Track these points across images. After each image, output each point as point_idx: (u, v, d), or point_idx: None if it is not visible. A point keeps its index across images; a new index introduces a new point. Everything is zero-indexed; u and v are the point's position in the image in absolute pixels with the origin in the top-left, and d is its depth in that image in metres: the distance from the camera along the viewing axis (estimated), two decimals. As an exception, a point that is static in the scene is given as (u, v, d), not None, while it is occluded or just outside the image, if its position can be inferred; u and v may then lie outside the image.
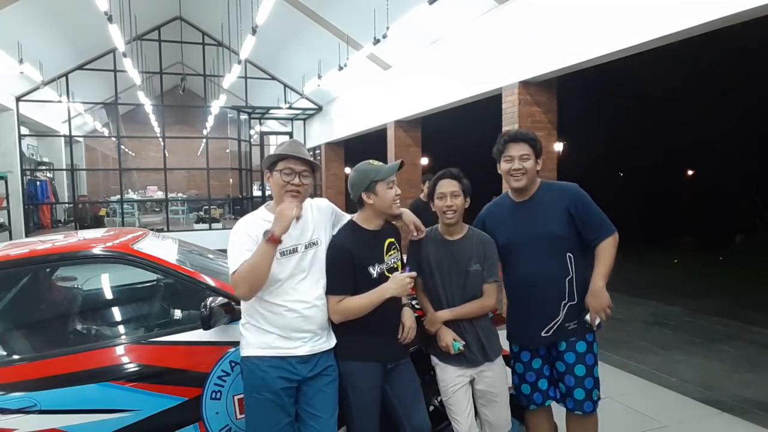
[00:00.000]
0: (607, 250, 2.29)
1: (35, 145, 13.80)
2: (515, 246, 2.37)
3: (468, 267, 2.32)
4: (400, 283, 2.07)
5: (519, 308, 2.42)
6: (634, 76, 12.82)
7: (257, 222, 2.06)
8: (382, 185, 2.12)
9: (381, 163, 2.16)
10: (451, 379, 2.34)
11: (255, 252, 1.95)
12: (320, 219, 2.21)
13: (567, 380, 2.35)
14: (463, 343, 2.28)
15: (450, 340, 2.28)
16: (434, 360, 2.42)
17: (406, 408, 2.21)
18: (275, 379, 2.02)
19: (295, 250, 2.08)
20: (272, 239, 1.92)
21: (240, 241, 2.01)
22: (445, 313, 2.32)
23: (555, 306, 2.32)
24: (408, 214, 2.41)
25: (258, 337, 2.06)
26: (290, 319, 2.05)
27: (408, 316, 2.27)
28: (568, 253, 2.32)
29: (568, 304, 2.32)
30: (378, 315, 2.11)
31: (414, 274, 2.13)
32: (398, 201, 2.16)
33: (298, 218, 2.00)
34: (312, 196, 2.25)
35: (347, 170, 13.06)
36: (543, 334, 2.34)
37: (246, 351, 2.09)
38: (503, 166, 2.39)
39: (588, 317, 2.30)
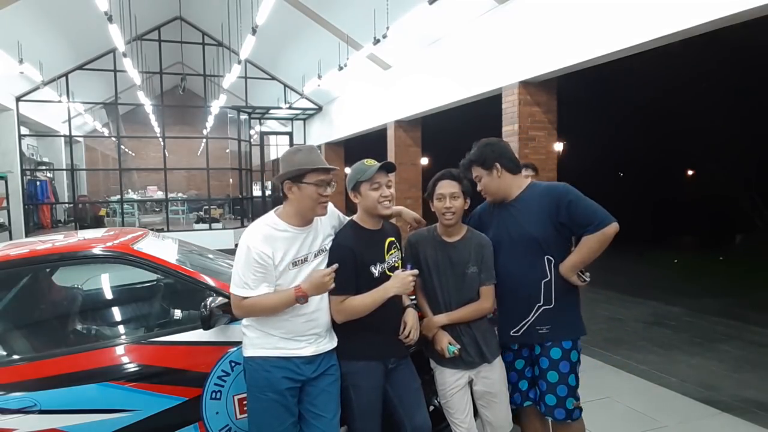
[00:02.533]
0: (585, 242, 2.20)
1: (35, 145, 13.80)
2: (499, 246, 2.38)
3: (465, 269, 2.31)
4: (402, 281, 2.07)
5: (500, 307, 2.43)
6: (634, 76, 12.82)
7: (271, 235, 2.02)
8: (365, 186, 2.12)
9: (374, 163, 2.14)
10: (449, 382, 2.34)
11: (278, 298, 1.98)
12: (328, 224, 2.21)
13: (540, 384, 2.34)
14: (458, 347, 2.28)
15: (445, 344, 2.27)
16: (432, 363, 2.42)
17: (407, 408, 2.21)
18: (280, 379, 2.02)
19: (306, 259, 2.07)
20: (305, 297, 1.96)
21: (247, 261, 1.97)
22: (442, 318, 2.32)
23: (526, 307, 2.30)
24: (407, 212, 2.41)
25: (262, 337, 2.06)
26: (297, 324, 2.05)
27: (411, 316, 2.27)
28: (547, 256, 2.27)
29: (543, 307, 2.28)
30: (379, 314, 2.10)
31: (416, 272, 2.13)
32: (386, 202, 2.13)
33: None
34: None
35: (347, 170, 13.04)
36: (512, 333, 2.35)
37: (250, 351, 2.08)
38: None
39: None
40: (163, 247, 2.66)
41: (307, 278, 2.00)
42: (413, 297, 2.46)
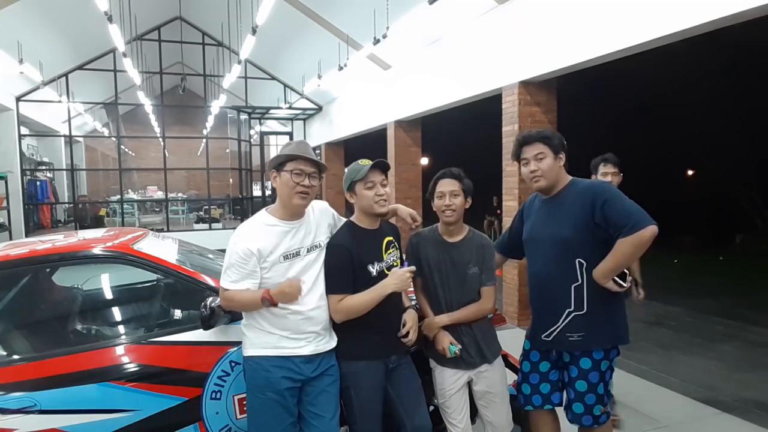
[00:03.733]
0: (619, 246, 2.04)
1: (35, 145, 13.80)
2: (532, 243, 2.33)
3: (467, 269, 2.32)
4: (400, 277, 2.07)
5: (532, 306, 2.39)
6: (634, 76, 12.82)
7: (258, 231, 2.05)
8: (360, 185, 2.13)
9: (369, 162, 2.15)
10: (449, 382, 2.34)
11: (249, 296, 2.00)
12: (322, 221, 2.21)
13: (569, 392, 2.29)
14: (459, 347, 2.28)
15: (446, 344, 2.28)
16: (432, 363, 2.42)
17: (408, 408, 2.21)
18: (280, 379, 2.02)
19: (297, 254, 2.08)
20: (270, 300, 1.97)
21: (231, 256, 2.02)
22: (443, 318, 2.32)
23: (556, 312, 2.21)
24: (403, 209, 2.41)
25: (261, 336, 2.07)
26: (294, 322, 2.05)
27: (411, 317, 2.28)
28: (579, 259, 2.15)
29: (574, 313, 2.18)
30: (379, 313, 2.11)
31: (413, 268, 2.13)
32: (381, 201, 2.14)
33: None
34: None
35: (347, 170, 13.02)
36: (543, 336, 2.28)
37: (249, 351, 2.08)
38: (522, 170, 2.30)
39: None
40: (163, 247, 2.66)
41: (279, 285, 2.02)
42: (414, 298, 2.47)
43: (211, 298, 2.17)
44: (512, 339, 2.52)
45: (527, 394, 2.41)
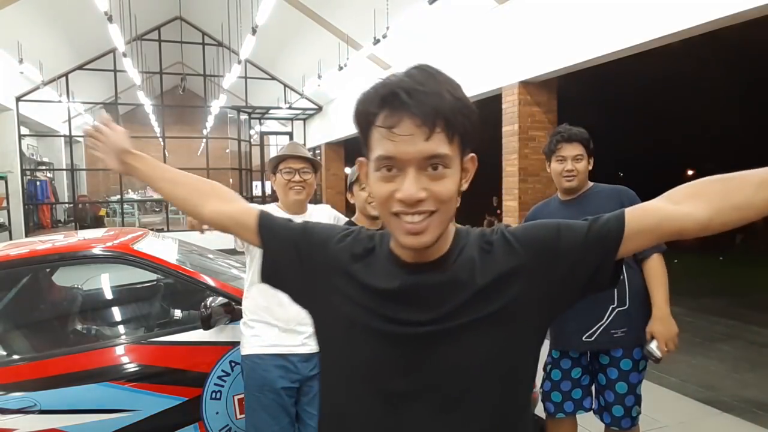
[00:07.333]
0: (660, 267, 2.24)
1: (35, 145, 13.79)
2: None
3: None
4: None
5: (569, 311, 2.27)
6: (634, 76, 12.83)
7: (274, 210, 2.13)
8: (356, 186, 2.16)
9: None
10: None
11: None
12: (322, 218, 2.23)
13: (606, 395, 2.25)
14: None
15: None
16: None
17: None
18: (277, 378, 2.03)
19: None
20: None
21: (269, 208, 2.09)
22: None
23: (599, 310, 2.19)
24: None
25: (260, 335, 2.07)
26: (291, 311, 2.04)
27: None
28: None
29: (617, 308, 2.20)
30: None
31: None
32: (374, 203, 2.15)
33: None
34: (313, 201, 2.28)
35: (347, 170, 13.07)
36: (584, 338, 2.22)
37: (247, 349, 2.09)
38: (554, 166, 2.32)
39: (653, 347, 2.16)
40: (163, 247, 2.66)
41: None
42: None
43: (211, 299, 2.17)
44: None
45: (558, 402, 2.35)
